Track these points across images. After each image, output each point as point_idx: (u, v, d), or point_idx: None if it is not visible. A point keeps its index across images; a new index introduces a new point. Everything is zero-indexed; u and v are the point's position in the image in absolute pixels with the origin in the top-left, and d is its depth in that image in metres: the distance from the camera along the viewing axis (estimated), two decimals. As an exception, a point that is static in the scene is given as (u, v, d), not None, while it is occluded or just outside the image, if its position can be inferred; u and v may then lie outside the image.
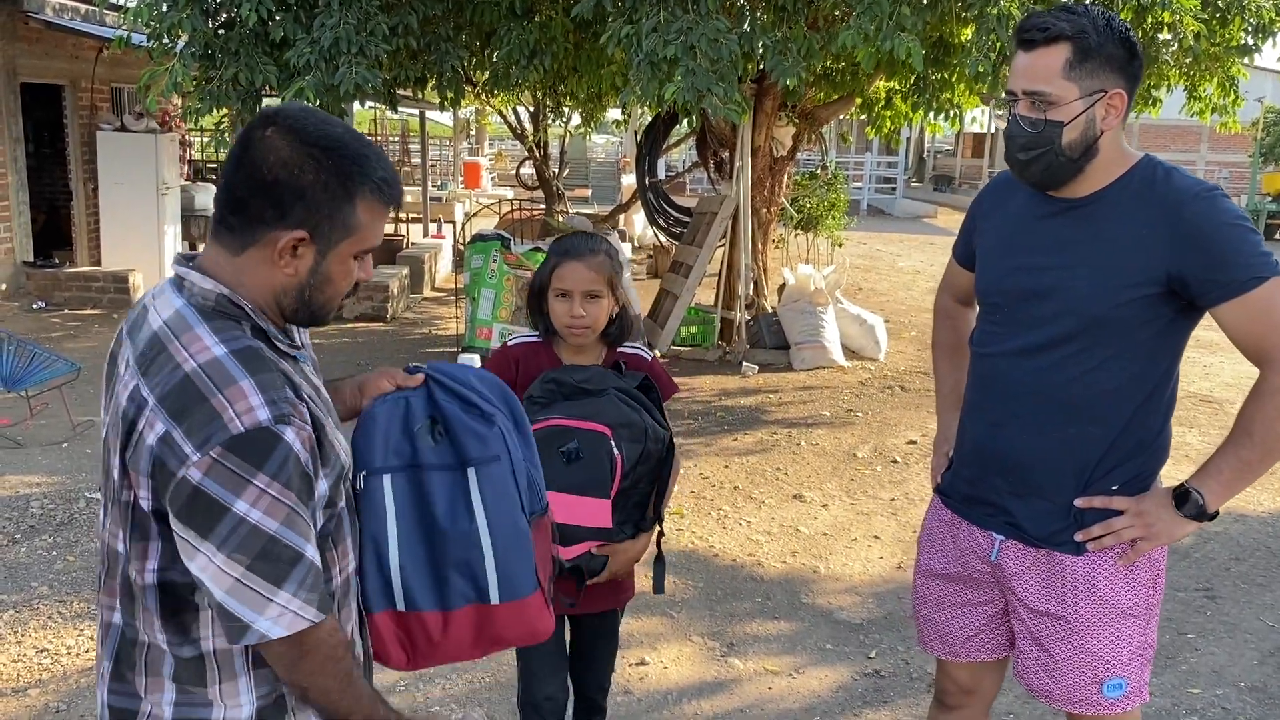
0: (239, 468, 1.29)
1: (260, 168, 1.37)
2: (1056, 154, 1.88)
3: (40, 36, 9.67)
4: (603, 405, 2.23)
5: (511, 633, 1.65)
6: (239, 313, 1.40)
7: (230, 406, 1.30)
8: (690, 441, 6.16)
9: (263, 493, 1.30)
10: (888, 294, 11.96)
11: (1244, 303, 1.83)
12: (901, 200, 23.95)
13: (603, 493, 2.20)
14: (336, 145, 1.39)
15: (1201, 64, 7.29)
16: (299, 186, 1.37)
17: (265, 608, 1.32)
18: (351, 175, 1.39)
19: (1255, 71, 9.41)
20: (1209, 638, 3.87)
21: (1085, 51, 1.84)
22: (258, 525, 1.30)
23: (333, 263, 1.43)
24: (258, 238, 1.39)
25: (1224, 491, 1.92)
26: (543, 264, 2.40)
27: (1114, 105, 1.88)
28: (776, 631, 3.88)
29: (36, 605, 3.85)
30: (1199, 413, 7.08)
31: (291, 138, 1.37)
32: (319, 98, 5.80)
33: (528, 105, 14.58)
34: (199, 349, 1.34)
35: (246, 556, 1.30)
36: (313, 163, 1.37)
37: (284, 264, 1.40)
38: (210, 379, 1.32)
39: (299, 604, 1.34)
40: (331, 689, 1.41)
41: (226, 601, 1.32)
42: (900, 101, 9.07)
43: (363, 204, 1.41)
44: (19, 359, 5.82)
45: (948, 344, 2.40)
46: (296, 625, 1.34)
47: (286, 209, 1.38)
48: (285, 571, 1.32)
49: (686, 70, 5.28)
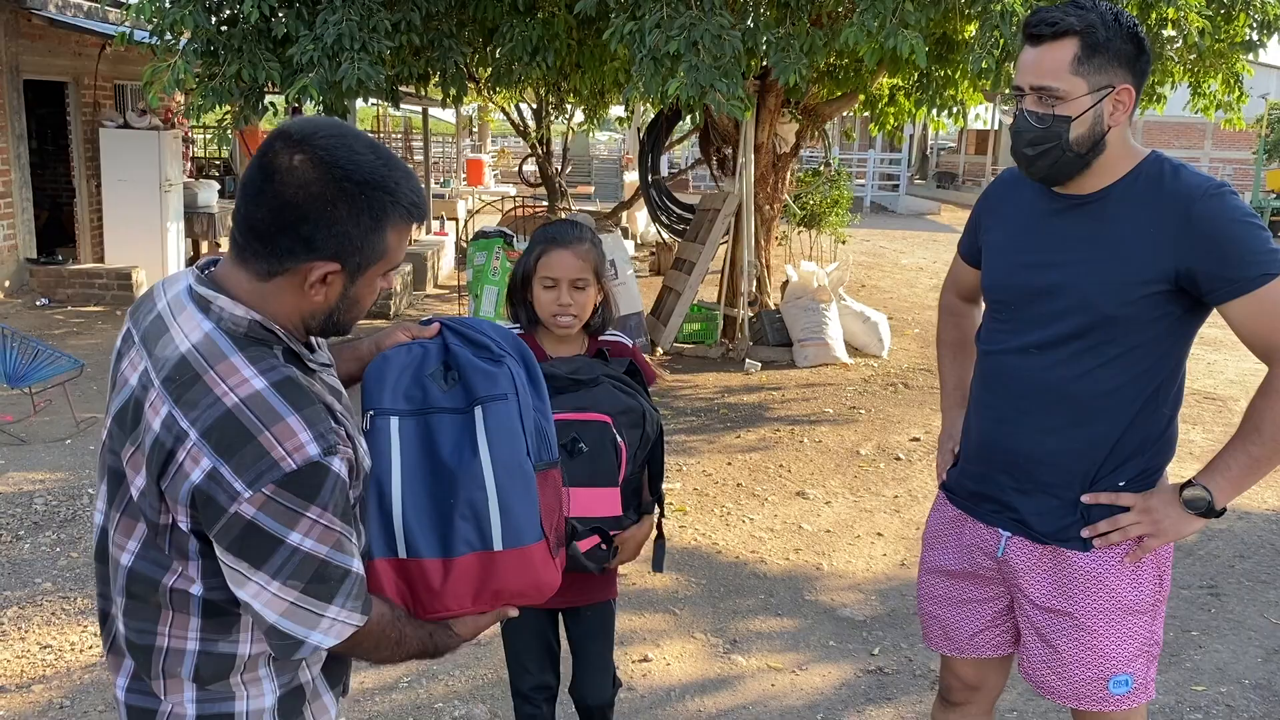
0: (292, 503, 1.31)
1: (291, 203, 1.33)
2: (1064, 149, 1.88)
3: (43, 33, 9.67)
4: (599, 394, 2.22)
5: (514, 583, 1.61)
6: (271, 337, 1.39)
7: (280, 445, 1.30)
8: (693, 439, 6.16)
9: (315, 523, 1.33)
10: (891, 291, 11.94)
11: (1253, 300, 1.82)
12: (905, 197, 23.91)
13: (611, 481, 2.20)
14: (370, 178, 1.35)
15: (1206, 60, 7.27)
16: (331, 222, 1.34)
17: (317, 624, 1.38)
18: (385, 205, 1.37)
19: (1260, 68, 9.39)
20: (1213, 635, 3.87)
21: (1094, 47, 1.83)
22: (310, 553, 1.34)
23: (361, 286, 1.43)
24: (286, 268, 1.37)
25: (1232, 488, 1.91)
26: (526, 252, 2.36)
27: (1121, 101, 1.87)
28: (779, 628, 3.87)
29: (40, 601, 3.85)
30: (1203, 410, 7.06)
31: (323, 170, 1.33)
32: (322, 94, 5.80)
33: (530, 102, 14.56)
34: (238, 381, 1.32)
35: (300, 582, 1.34)
36: (345, 199, 1.34)
37: (314, 292, 1.39)
38: (255, 415, 1.31)
39: (345, 614, 1.39)
40: (385, 657, 1.52)
41: (280, 623, 1.36)
42: (903, 98, 9.06)
43: (392, 230, 1.40)
44: (22, 356, 5.83)
45: (953, 341, 2.40)
46: (344, 633, 1.40)
47: (318, 244, 1.35)
48: (335, 589, 1.37)
49: (690, 66, 5.28)
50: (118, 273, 9.71)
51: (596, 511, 2.20)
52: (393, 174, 1.38)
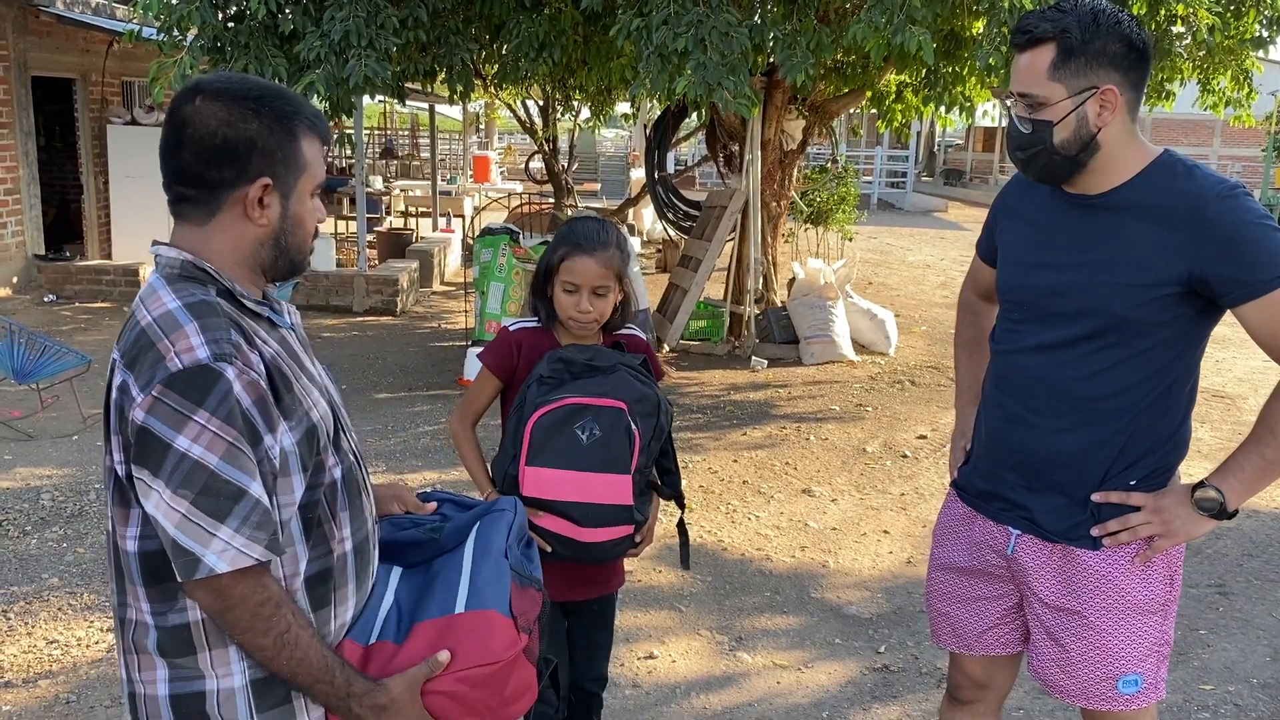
0: (178, 404, 1.33)
1: (206, 136, 1.43)
2: (1051, 153, 1.88)
3: (51, 30, 9.69)
4: (615, 382, 2.22)
5: (472, 652, 1.49)
6: (204, 276, 1.45)
7: (173, 348, 1.35)
8: (699, 435, 6.15)
9: (203, 429, 1.34)
10: (898, 288, 11.92)
11: (1268, 303, 1.80)
12: (912, 194, 23.87)
13: (623, 468, 2.20)
14: (264, 93, 1.46)
15: (1215, 57, 7.24)
16: (249, 138, 1.44)
17: (210, 542, 1.34)
18: (288, 114, 1.47)
19: (1270, 65, 9.35)
20: (1221, 634, 3.85)
21: (1069, 50, 1.83)
22: (200, 460, 1.33)
23: (296, 204, 1.51)
24: (224, 200, 1.46)
25: (1245, 490, 1.89)
26: (551, 247, 2.35)
27: (1108, 101, 1.85)
28: (785, 626, 3.87)
29: (47, 597, 3.86)
30: (1211, 408, 7.04)
31: (223, 99, 1.44)
32: (329, 91, 5.80)
33: (537, 99, 14.56)
34: (156, 304, 1.41)
35: (191, 491, 1.33)
36: (252, 114, 1.44)
37: (257, 216, 1.47)
38: (160, 327, 1.38)
39: (242, 540, 1.35)
40: (265, 649, 1.40)
41: (177, 537, 1.34)
42: (911, 95, 9.03)
43: (304, 140, 1.49)
44: (30, 352, 5.84)
45: (969, 339, 2.40)
46: (240, 561, 1.35)
47: (244, 163, 1.44)
48: (228, 507, 1.35)
49: (697, 64, 5.26)
50: (125, 269, 9.73)
51: (607, 498, 2.21)
52: (283, 92, 1.50)
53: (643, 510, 2.31)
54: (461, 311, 9.37)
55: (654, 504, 2.43)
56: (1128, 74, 1.86)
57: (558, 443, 2.18)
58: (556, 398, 2.19)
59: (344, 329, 8.93)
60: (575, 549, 2.25)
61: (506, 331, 2.43)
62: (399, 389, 7.04)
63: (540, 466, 2.20)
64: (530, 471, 2.21)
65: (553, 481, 2.20)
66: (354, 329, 8.97)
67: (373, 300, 9.66)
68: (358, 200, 10.37)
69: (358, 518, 1.58)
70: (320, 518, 1.50)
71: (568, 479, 2.19)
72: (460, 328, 8.91)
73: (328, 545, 1.51)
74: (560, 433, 2.18)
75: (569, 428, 2.17)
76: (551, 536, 2.25)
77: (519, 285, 7.51)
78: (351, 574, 1.56)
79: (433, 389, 7.10)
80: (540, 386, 2.23)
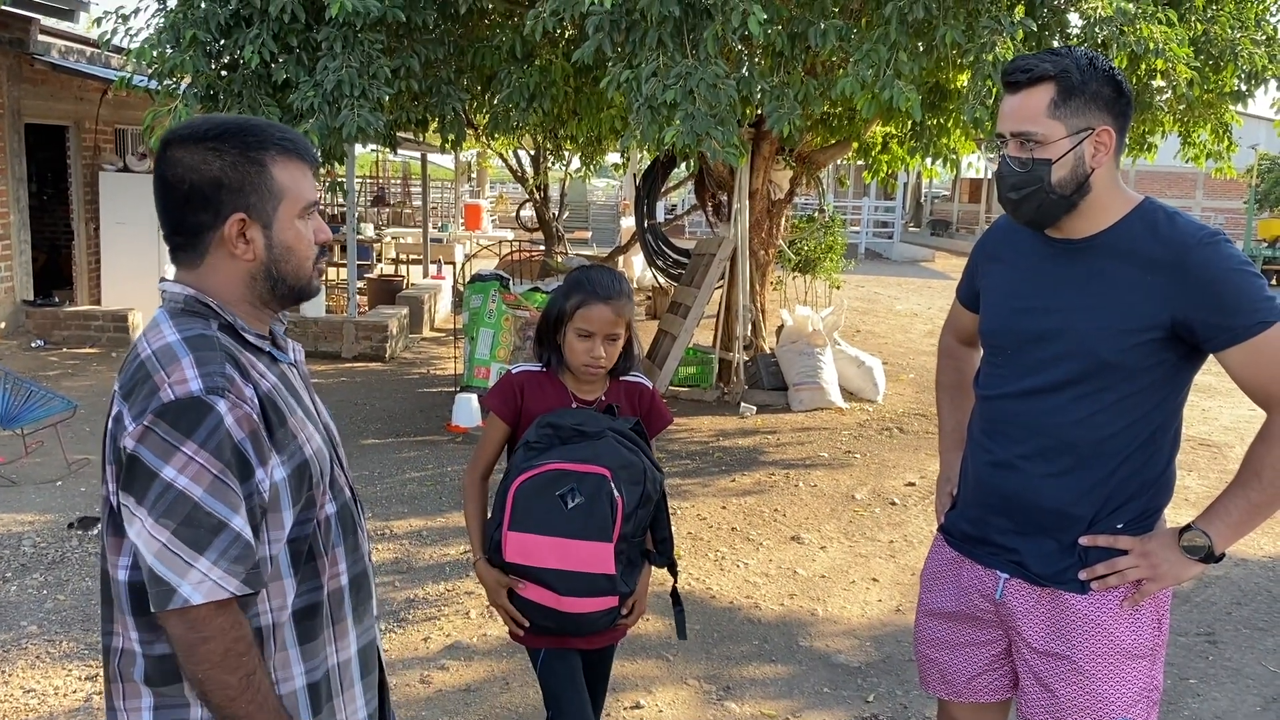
0: (168, 435, 1.34)
1: (176, 184, 1.47)
2: (1047, 192, 1.90)
3: (45, 78, 9.76)
4: (601, 448, 2.23)
5: None
6: (206, 310, 1.48)
7: (167, 379, 1.37)
8: (688, 482, 6.13)
9: (190, 460, 1.35)
10: (885, 336, 11.97)
11: (1250, 348, 1.83)
12: (899, 244, 24.08)
13: (604, 536, 2.20)
14: (226, 130, 1.48)
15: (1195, 110, 7.37)
16: (213, 179, 1.46)
17: (187, 573, 1.34)
18: (250, 145, 1.48)
19: (1249, 119, 9.51)
20: (1211, 683, 3.83)
21: (1069, 90, 1.86)
22: (184, 491, 1.34)
23: (280, 231, 1.51)
24: (209, 243, 1.49)
25: (1231, 533, 1.90)
26: (562, 294, 2.36)
27: (1102, 142, 1.89)
28: (774, 674, 3.83)
29: (25, 645, 3.80)
30: (1198, 456, 7.05)
31: (187, 145, 1.47)
32: (323, 140, 5.85)
33: (528, 148, 14.69)
34: (157, 338, 1.44)
35: (172, 521, 1.34)
36: (213, 154, 1.46)
37: (241, 251, 1.49)
38: (158, 360, 1.40)
39: (220, 573, 1.35)
40: (230, 686, 1.39)
41: (155, 565, 1.35)
42: (897, 146, 9.15)
43: (275, 166, 1.49)
44: (15, 397, 5.81)
45: (951, 384, 2.41)
46: (216, 594, 1.35)
47: (215, 204, 1.46)
48: (207, 539, 1.35)
49: (686, 115, 5.33)
50: (114, 315, 9.72)
51: (588, 566, 2.20)
52: (251, 123, 1.51)
53: (628, 581, 2.29)
54: (451, 357, 9.36)
55: (644, 574, 2.40)
56: (1117, 118, 1.90)
57: (540, 508, 2.19)
58: (540, 463, 2.20)
59: (333, 375, 8.91)
60: (558, 619, 2.25)
61: (509, 375, 2.45)
62: (387, 435, 7.01)
63: (522, 532, 2.20)
64: (512, 537, 2.21)
65: (534, 547, 2.20)
66: (343, 375, 8.95)
67: (362, 346, 9.65)
68: (349, 247, 10.40)
69: (353, 553, 1.59)
70: (312, 552, 1.51)
71: (549, 545, 2.19)
72: (449, 374, 8.90)
73: (319, 580, 1.52)
74: (542, 498, 2.19)
75: (551, 493, 2.18)
76: (533, 607, 2.25)
77: (508, 331, 7.53)
78: (349, 609, 1.57)
79: (420, 435, 7.07)
80: (527, 451, 2.25)
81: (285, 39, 6.04)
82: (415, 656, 3.81)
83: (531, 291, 7.87)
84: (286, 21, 5.92)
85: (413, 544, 4.97)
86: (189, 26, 5.90)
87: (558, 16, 5.57)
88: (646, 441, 2.36)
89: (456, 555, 4.82)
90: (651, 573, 2.49)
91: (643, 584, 2.39)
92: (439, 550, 4.90)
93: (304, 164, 1.53)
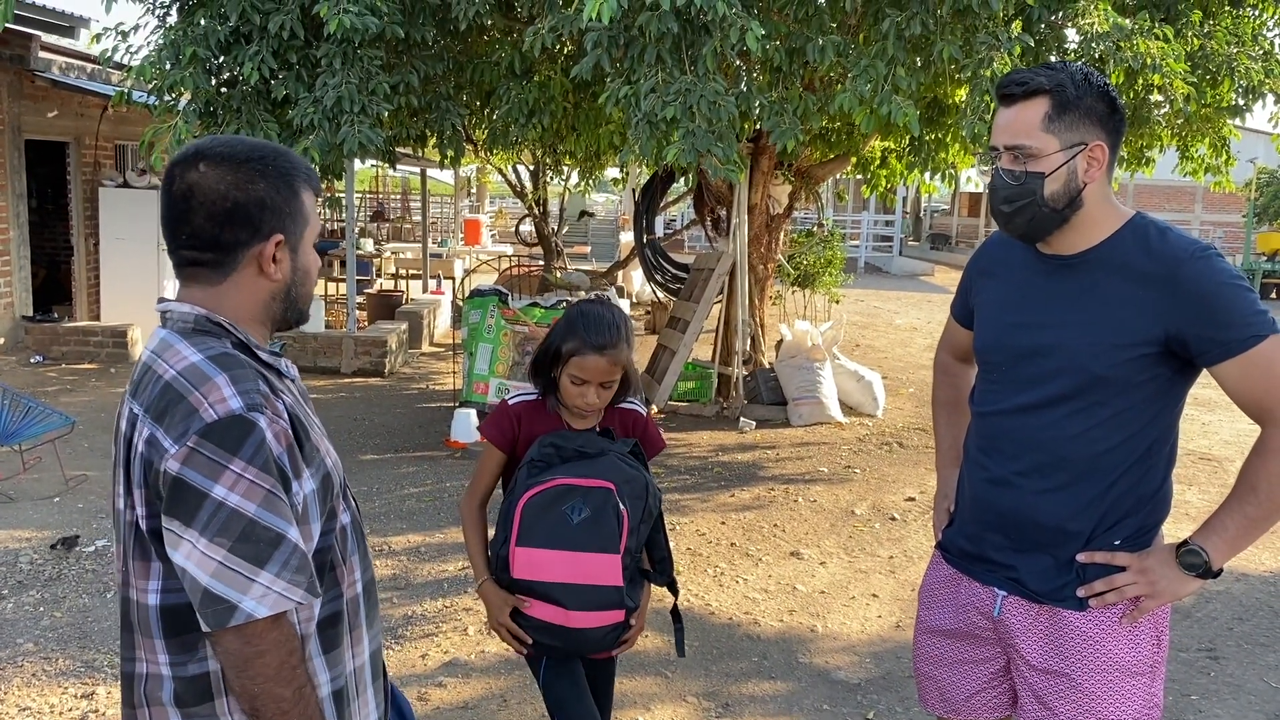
0: (215, 454, 1.34)
1: (217, 199, 1.47)
2: (1039, 205, 1.90)
3: (46, 94, 9.80)
4: (603, 465, 2.26)
5: None
6: (218, 330, 1.49)
7: (205, 400, 1.37)
8: (687, 497, 6.12)
9: (239, 477, 1.35)
10: (885, 351, 11.97)
11: (1243, 361, 1.82)
12: (899, 259, 24.10)
13: (612, 548, 2.21)
14: (265, 154, 1.51)
15: (1193, 125, 7.38)
16: (259, 198, 1.48)
17: (249, 588, 1.34)
18: (289, 173, 1.52)
19: (1247, 133, 9.54)
20: (1213, 699, 3.81)
21: (1064, 104, 1.87)
22: (236, 509, 1.34)
23: (303, 256, 1.57)
24: (240, 260, 1.50)
25: (1229, 548, 1.89)
26: (561, 334, 2.33)
27: (1095, 157, 1.89)
28: (773, 691, 3.81)
29: (21, 662, 3.78)
30: (1198, 470, 7.04)
31: (229, 163, 1.48)
32: (323, 156, 5.86)
33: (527, 164, 14.73)
34: (177, 359, 1.43)
35: (228, 539, 1.34)
36: (258, 175, 1.49)
37: (272, 271, 1.52)
38: (188, 380, 1.40)
39: (283, 585, 1.36)
40: (284, 699, 1.39)
41: (212, 585, 1.34)
42: (895, 160, 9.17)
43: (304, 195, 1.55)
44: (13, 412, 5.80)
45: (947, 400, 2.41)
46: (281, 605, 1.36)
47: (258, 223, 1.49)
48: (267, 553, 1.36)
49: (686, 131, 5.34)
50: (113, 330, 9.72)
51: (597, 579, 2.21)
52: (280, 149, 1.55)
53: (633, 596, 2.31)
54: (450, 373, 9.36)
55: (645, 592, 2.41)
56: (1111, 134, 1.91)
57: (547, 523, 2.20)
58: (546, 479, 2.21)
59: (331, 390, 8.90)
60: (564, 637, 2.24)
61: (506, 405, 2.46)
62: (385, 450, 7.00)
63: (530, 547, 2.21)
64: (520, 552, 2.22)
65: (543, 562, 2.21)
66: (341, 390, 8.94)
67: (361, 361, 9.65)
68: (348, 262, 10.41)
69: (364, 559, 1.62)
70: (333, 561, 1.53)
71: (558, 559, 2.20)
72: (448, 389, 8.89)
73: (339, 589, 1.54)
74: (549, 513, 2.20)
75: (558, 508, 2.20)
76: (540, 626, 2.24)
77: (507, 346, 7.53)
78: (363, 614, 1.60)
79: (419, 450, 7.06)
80: (531, 469, 2.26)
81: (285, 55, 6.05)
82: (413, 673, 3.79)
83: (530, 307, 7.88)
84: (286, 38, 5.94)
85: (411, 560, 4.95)
86: (189, 43, 5.91)
87: (556, 33, 5.58)
88: (644, 462, 2.38)
89: (455, 571, 4.81)
90: (651, 591, 2.49)
91: (643, 603, 2.40)
92: (437, 566, 4.88)
93: (316, 195, 1.59)
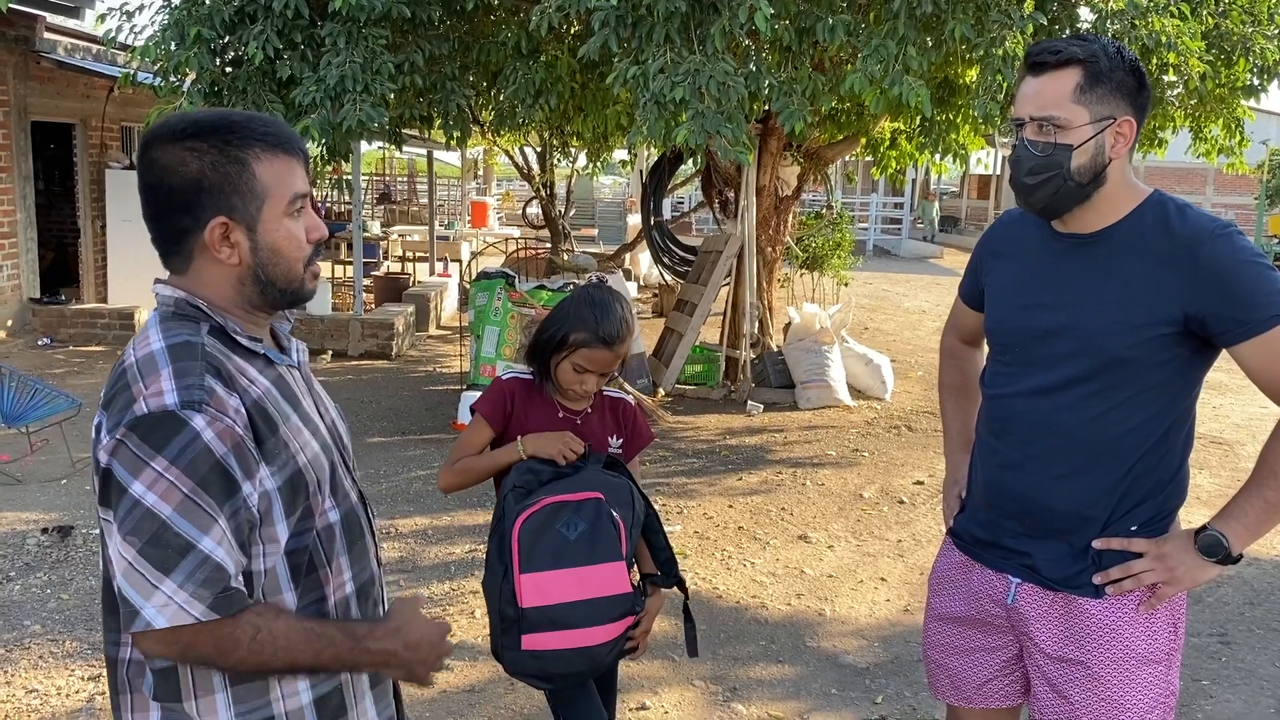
0: (139, 449, 1.29)
1: (155, 186, 1.40)
2: (1065, 178, 1.85)
3: (52, 76, 9.77)
4: (586, 477, 2.24)
5: None
6: (196, 313, 1.42)
7: (144, 391, 1.32)
8: (694, 481, 6.10)
9: (160, 476, 1.29)
10: (894, 334, 11.92)
11: (1264, 342, 1.78)
12: (908, 241, 24.00)
13: (616, 555, 2.18)
14: (203, 127, 1.40)
15: (1207, 105, 7.30)
16: (192, 180, 1.38)
17: (152, 595, 1.29)
18: (230, 143, 1.39)
19: (1261, 115, 9.44)
20: (1224, 685, 3.78)
21: (1096, 76, 1.82)
22: (152, 509, 1.29)
23: (266, 232, 1.43)
24: (193, 247, 1.43)
25: (1248, 533, 1.85)
26: (567, 324, 2.30)
27: (1123, 133, 1.85)
28: (781, 675, 3.79)
29: (28, 644, 3.78)
30: (1210, 454, 7.00)
31: (164, 144, 1.40)
32: (324, 135, 5.82)
33: (534, 146, 14.67)
34: (143, 345, 1.39)
35: (139, 540, 1.29)
36: (191, 153, 1.39)
37: (226, 255, 1.42)
38: (139, 369, 1.35)
39: (184, 597, 1.28)
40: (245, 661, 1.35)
41: (122, 585, 1.30)
42: (905, 142, 9.09)
43: (259, 164, 1.41)
44: (20, 395, 5.80)
45: (954, 384, 2.36)
46: (179, 619, 1.28)
47: (194, 206, 1.39)
48: (174, 560, 1.28)
49: (696, 113, 5.29)
50: (120, 312, 9.71)
51: (605, 589, 2.17)
52: (234, 118, 1.42)
53: (639, 603, 2.28)
54: (457, 355, 9.34)
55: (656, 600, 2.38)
56: (1138, 111, 1.86)
57: (546, 544, 2.15)
58: (534, 501, 2.18)
59: (339, 373, 8.89)
60: (588, 658, 2.19)
61: (500, 380, 2.43)
62: (392, 433, 6.99)
63: (535, 572, 2.15)
64: (526, 579, 2.15)
65: (552, 584, 2.15)
66: (349, 373, 8.93)
67: (368, 344, 9.64)
68: (355, 245, 10.39)
69: (359, 560, 1.54)
70: (313, 563, 1.45)
71: (565, 578, 2.15)
72: (455, 371, 8.88)
73: (322, 591, 1.46)
74: (546, 533, 2.16)
75: (553, 527, 2.16)
76: (558, 658, 2.17)
77: (514, 329, 7.50)
78: (357, 616, 1.53)
79: (426, 433, 7.05)
80: (515, 494, 2.22)
81: (289, 35, 6.01)
82: (419, 657, 3.78)
83: (537, 289, 7.84)
84: (291, 18, 5.90)
85: (418, 543, 4.94)
86: (194, 23, 5.88)
87: (563, 12, 5.53)
88: (622, 469, 2.35)
89: (461, 554, 4.80)
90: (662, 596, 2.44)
91: (651, 607, 2.35)
92: (444, 549, 4.87)
93: (290, 157, 1.44)
